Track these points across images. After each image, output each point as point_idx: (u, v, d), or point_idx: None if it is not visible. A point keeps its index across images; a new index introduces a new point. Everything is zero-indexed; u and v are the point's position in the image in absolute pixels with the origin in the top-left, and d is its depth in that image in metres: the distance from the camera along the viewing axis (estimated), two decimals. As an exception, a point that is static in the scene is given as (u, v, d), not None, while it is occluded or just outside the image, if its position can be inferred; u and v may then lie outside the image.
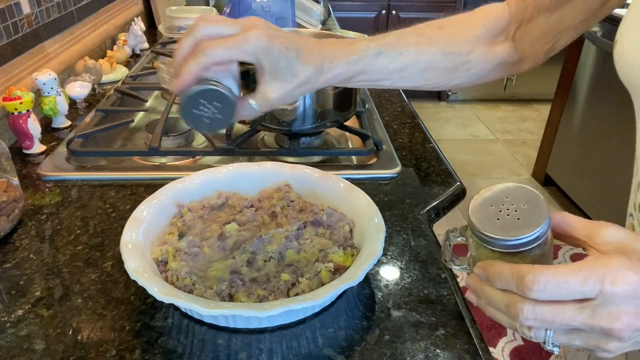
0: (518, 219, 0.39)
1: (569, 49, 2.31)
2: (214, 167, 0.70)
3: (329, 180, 0.65)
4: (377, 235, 0.54)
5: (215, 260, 0.56)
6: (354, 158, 0.89)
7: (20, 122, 0.82)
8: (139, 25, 1.39)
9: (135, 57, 1.39)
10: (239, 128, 0.92)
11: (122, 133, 1.00)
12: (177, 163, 0.86)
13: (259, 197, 0.66)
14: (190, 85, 0.45)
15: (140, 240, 0.55)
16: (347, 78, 0.52)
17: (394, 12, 3.19)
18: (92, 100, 1.07)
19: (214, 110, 0.45)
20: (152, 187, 0.75)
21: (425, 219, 0.69)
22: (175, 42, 1.45)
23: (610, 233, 0.37)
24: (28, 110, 0.83)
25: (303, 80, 0.49)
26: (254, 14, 1.34)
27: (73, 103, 1.03)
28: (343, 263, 0.54)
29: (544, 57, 0.59)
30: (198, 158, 0.88)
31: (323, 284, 0.51)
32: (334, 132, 0.98)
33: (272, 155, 0.85)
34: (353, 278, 0.48)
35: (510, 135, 3.16)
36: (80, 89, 1.01)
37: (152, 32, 1.66)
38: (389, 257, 0.61)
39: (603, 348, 0.36)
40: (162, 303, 0.53)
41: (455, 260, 0.47)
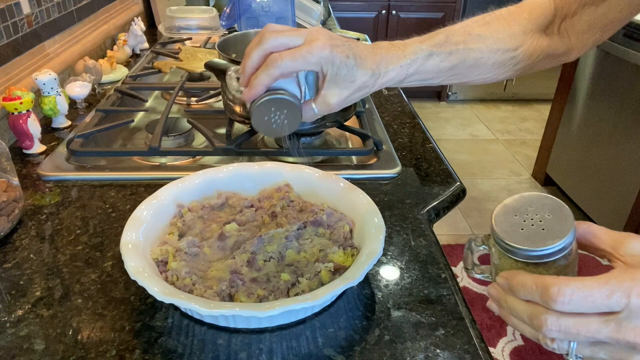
0: (543, 229, 0.39)
1: (569, 49, 2.31)
2: (214, 167, 0.70)
3: (329, 180, 0.65)
4: (377, 235, 0.54)
5: (215, 260, 0.56)
6: (354, 158, 0.89)
7: (20, 122, 0.82)
8: (139, 25, 1.39)
9: (135, 57, 1.39)
10: (239, 128, 0.92)
11: (122, 133, 1.00)
12: (177, 163, 0.86)
13: (259, 197, 0.66)
14: (261, 95, 0.48)
15: (140, 240, 0.55)
16: (400, 80, 0.55)
17: (394, 12, 3.19)
18: (92, 100, 1.07)
19: (282, 117, 0.49)
20: (152, 187, 0.75)
21: (425, 219, 0.69)
22: (175, 42, 1.45)
23: (637, 245, 0.37)
24: (28, 110, 0.83)
25: (360, 86, 0.52)
26: (254, 14, 1.34)
27: (73, 103, 1.03)
28: (343, 263, 0.54)
29: (592, 46, 0.60)
30: (198, 158, 0.88)
31: (323, 284, 0.51)
32: (334, 132, 0.98)
33: (272, 155, 0.85)
34: (353, 278, 0.48)
35: (510, 135, 3.16)
36: (80, 89, 1.01)
37: (152, 32, 1.66)
38: (389, 257, 0.61)
39: None
40: (162, 303, 0.53)
41: (477, 269, 0.47)
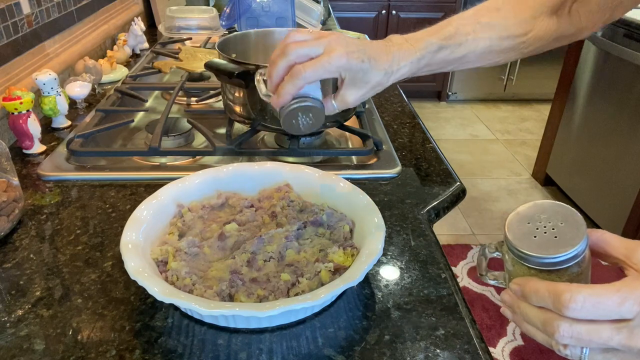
0: (556, 237, 0.39)
1: (569, 49, 2.31)
2: (214, 167, 0.70)
3: (329, 180, 0.65)
4: (377, 235, 0.54)
5: (215, 260, 0.56)
6: (354, 158, 0.89)
7: (20, 122, 0.82)
8: (139, 25, 1.39)
9: (135, 57, 1.39)
10: (239, 128, 0.92)
11: (122, 133, 1.00)
12: (177, 163, 0.86)
13: (259, 197, 0.66)
14: (289, 102, 0.54)
15: (140, 240, 0.55)
16: (412, 73, 0.59)
17: (394, 12, 3.19)
18: (92, 100, 1.07)
19: (307, 118, 0.56)
20: (152, 187, 0.75)
21: (425, 219, 0.69)
22: (175, 42, 1.45)
23: None
24: (28, 110, 0.83)
25: (374, 84, 0.56)
26: (254, 14, 1.34)
27: (73, 103, 1.03)
28: (343, 263, 0.54)
29: (601, 26, 0.61)
30: (198, 158, 0.88)
31: (323, 284, 0.51)
32: (334, 132, 0.98)
33: (272, 155, 0.85)
34: (353, 278, 0.48)
35: (510, 135, 3.16)
36: (80, 89, 1.01)
37: (152, 32, 1.66)
38: (389, 257, 0.61)
39: None
40: (162, 303, 0.53)
41: (490, 275, 0.47)
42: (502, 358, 1.60)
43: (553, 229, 0.40)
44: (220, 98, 1.05)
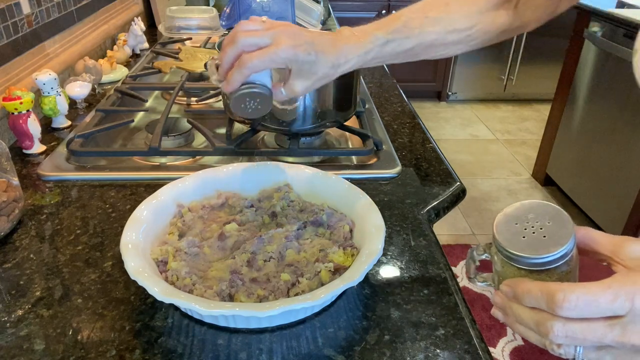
0: (544, 237, 0.39)
1: (569, 49, 2.31)
2: (214, 167, 0.70)
3: (329, 180, 0.65)
4: (377, 235, 0.54)
5: (215, 260, 0.56)
6: (354, 158, 0.89)
7: (20, 122, 0.82)
8: (139, 25, 1.39)
9: (135, 57, 1.39)
10: (239, 128, 0.92)
11: (122, 133, 1.00)
12: (177, 163, 0.86)
13: (259, 197, 0.66)
14: (237, 89, 0.57)
15: (140, 240, 0.55)
16: (360, 66, 0.61)
17: (394, 12, 3.19)
18: (92, 100, 1.07)
19: (255, 103, 0.58)
20: (152, 187, 0.75)
21: (425, 219, 0.69)
22: (175, 42, 1.45)
23: (636, 248, 0.37)
24: (28, 110, 0.83)
25: (322, 76, 0.58)
26: (254, 14, 1.34)
27: (73, 103, 1.03)
28: (343, 263, 0.54)
29: (547, 19, 0.62)
30: (198, 158, 0.88)
31: (323, 284, 0.51)
32: (334, 132, 0.98)
33: (272, 155, 0.85)
34: (353, 278, 0.48)
35: (510, 135, 3.16)
36: (80, 89, 1.01)
37: (152, 32, 1.66)
38: (389, 257, 0.61)
39: None
40: (162, 303, 0.53)
41: (480, 277, 0.47)
42: (502, 358, 1.60)
43: (541, 229, 0.40)
44: (220, 98, 1.05)
